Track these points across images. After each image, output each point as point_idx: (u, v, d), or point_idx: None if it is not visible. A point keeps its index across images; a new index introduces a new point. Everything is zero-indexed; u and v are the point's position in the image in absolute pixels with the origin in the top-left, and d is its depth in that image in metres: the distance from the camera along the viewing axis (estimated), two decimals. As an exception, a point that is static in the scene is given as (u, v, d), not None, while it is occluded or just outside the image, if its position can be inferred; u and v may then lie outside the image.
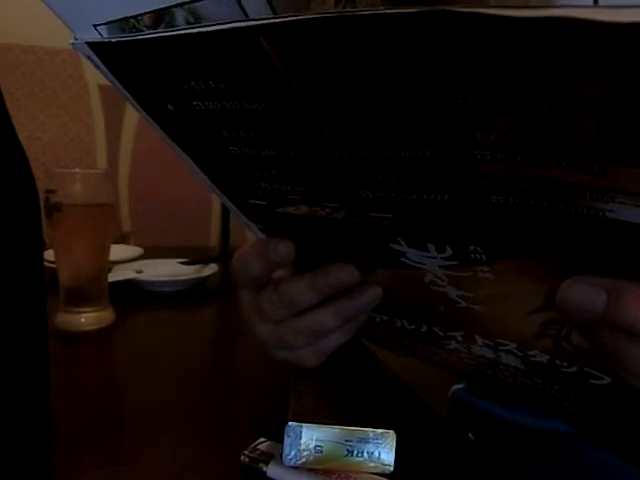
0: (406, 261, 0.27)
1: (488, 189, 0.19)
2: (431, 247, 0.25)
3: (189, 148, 0.25)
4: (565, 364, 0.28)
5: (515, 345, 0.29)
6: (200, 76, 0.19)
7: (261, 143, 0.22)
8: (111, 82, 0.22)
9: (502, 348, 0.30)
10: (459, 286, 0.27)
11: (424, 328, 0.33)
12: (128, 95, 0.22)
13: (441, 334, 0.32)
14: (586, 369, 0.27)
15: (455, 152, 0.18)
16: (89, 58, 0.21)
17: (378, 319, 0.34)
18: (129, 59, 0.21)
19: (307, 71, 0.17)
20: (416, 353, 0.37)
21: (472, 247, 0.23)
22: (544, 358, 0.29)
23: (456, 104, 0.16)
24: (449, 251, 0.24)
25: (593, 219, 0.19)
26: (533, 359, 0.29)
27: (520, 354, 0.30)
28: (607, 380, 0.27)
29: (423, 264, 0.26)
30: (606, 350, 0.23)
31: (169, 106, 0.22)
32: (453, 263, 0.25)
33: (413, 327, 0.33)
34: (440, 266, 0.26)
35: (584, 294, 0.21)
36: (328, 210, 0.25)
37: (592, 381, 0.28)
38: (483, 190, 0.19)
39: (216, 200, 1.47)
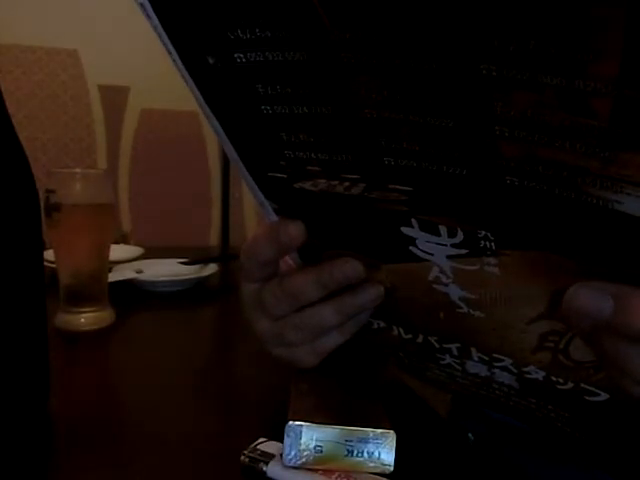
0: (415, 250, 0.27)
1: (504, 169, 0.20)
2: (443, 230, 0.25)
3: (220, 110, 0.25)
4: (561, 380, 0.28)
5: (511, 361, 0.29)
6: (247, 24, 0.20)
7: (295, 99, 0.22)
8: (158, 34, 0.23)
9: (497, 364, 0.30)
10: (463, 285, 0.27)
11: (420, 338, 0.32)
12: (171, 48, 0.23)
13: (437, 346, 0.32)
14: (582, 385, 0.27)
15: (476, 125, 0.19)
16: (141, 5, 0.22)
17: (375, 325, 0.34)
18: (179, 4, 0.21)
19: (347, 26, 0.18)
20: (409, 367, 0.37)
21: (483, 232, 0.23)
22: (540, 375, 0.29)
23: (480, 74, 0.17)
24: (460, 236, 0.24)
25: (601, 210, 0.19)
26: (528, 376, 0.29)
27: (515, 371, 0.30)
28: (603, 397, 0.27)
29: (431, 254, 0.26)
30: (608, 357, 0.23)
31: (210, 59, 0.22)
32: (462, 252, 0.25)
33: (409, 336, 0.33)
34: (448, 256, 0.26)
35: (591, 300, 0.21)
36: (347, 184, 0.25)
37: (588, 398, 0.28)
38: (500, 169, 0.20)
39: (216, 200, 1.47)
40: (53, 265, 0.57)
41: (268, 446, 0.32)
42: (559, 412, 0.31)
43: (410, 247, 0.27)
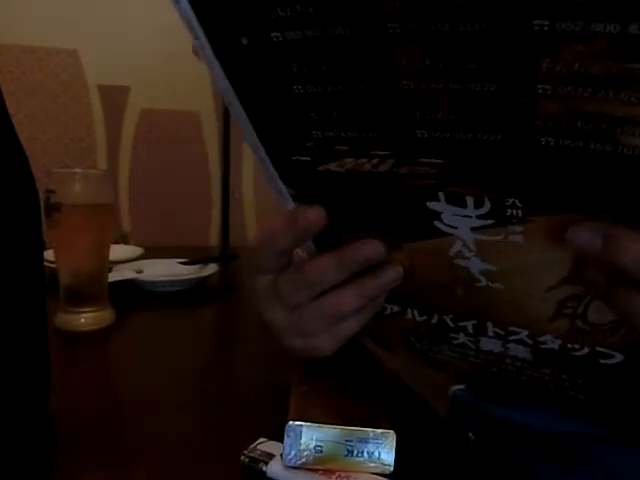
0: (439, 225, 0.27)
1: (541, 129, 0.20)
2: (470, 201, 0.25)
3: (246, 94, 0.25)
4: (577, 346, 0.29)
5: (527, 332, 0.30)
6: (288, 1, 0.20)
7: (331, 77, 0.22)
8: (186, 19, 0.22)
9: (512, 338, 0.31)
10: (485, 257, 0.27)
11: (435, 319, 0.33)
12: (200, 33, 0.23)
13: (452, 325, 0.32)
14: (598, 348, 0.28)
15: (519, 85, 0.20)
16: None
17: (388, 311, 0.34)
18: None
19: None
20: (419, 352, 0.37)
21: (511, 200, 0.24)
22: (555, 344, 0.29)
23: (532, 31, 0.18)
24: (487, 206, 0.25)
25: (637, 161, 0.20)
26: (544, 346, 0.30)
27: (530, 342, 0.30)
28: (618, 358, 0.28)
29: (456, 227, 0.27)
30: (626, 314, 0.24)
31: (244, 40, 0.22)
32: (488, 222, 0.25)
33: (424, 318, 0.33)
34: (473, 228, 0.26)
35: (583, 237, 0.24)
36: (375, 161, 0.25)
37: (602, 361, 0.28)
38: (536, 130, 0.21)
39: (216, 200, 1.47)
40: (53, 265, 0.57)
41: (268, 446, 0.32)
42: (573, 380, 0.31)
43: (435, 222, 0.27)
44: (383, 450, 0.30)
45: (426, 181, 0.25)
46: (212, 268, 0.79)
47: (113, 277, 0.65)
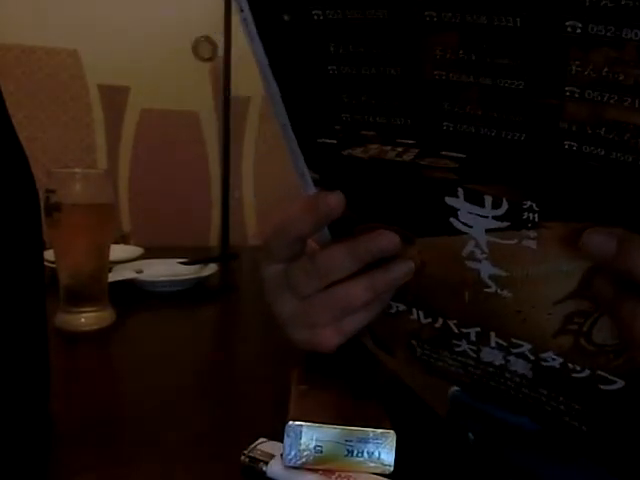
0: (454, 222, 0.27)
1: (565, 133, 0.21)
2: (488, 201, 0.25)
3: (283, 70, 0.26)
4: (578, 367, 0.28)
5: (530, 346, 0.29)
6: None
7: (366, 59, 0.23)
8: None
9: (515, 351, 0.30)
10: (496, 261, 0.27)
11: (439, 322, 0.33)
12: (244, 5, 0.23)
13: (455, 330, 0.32)
14: (599, 372, 0.28)
15: (547, 86, 0.20)
16: None
17: (394, 309, 0.34)
18: None
19: None
20: (419, 357, 0.37)
21: (528, 203, 0.24)
22: (557, 362, 0.29)
23: (564, 31, 0.18)
24: (504, 207, 0.25)
25: None
26: (544, 364, 0.29)
27: (532, 358, 0.30)
28: (619, 384, 0.27)
29: (471, 227, 0.27)
30: (629, 330, 0.24)
31: (285, 16, 0.23)
32: (503, 224, 0.25)
33: (428, 320, 0.33)
34: (487, 230, 0.26)
35: (598, 240, 0.24)
36: (399, 150, 0.25)
37: (602, 387, 0.28)
38: (560, 134, 0.21)
39: (216, 200, 1.47)
40: (53, 265, 0.57)
41: (268, 446, 0.32)
42: (570, 404, 0.31)
43: (451, 218, 0.27)
44: (383, 450, 0.30)
45: (447, 175, 0.25)
46: (212, 268, 0.79)
47: (113, 277, 0.65)
